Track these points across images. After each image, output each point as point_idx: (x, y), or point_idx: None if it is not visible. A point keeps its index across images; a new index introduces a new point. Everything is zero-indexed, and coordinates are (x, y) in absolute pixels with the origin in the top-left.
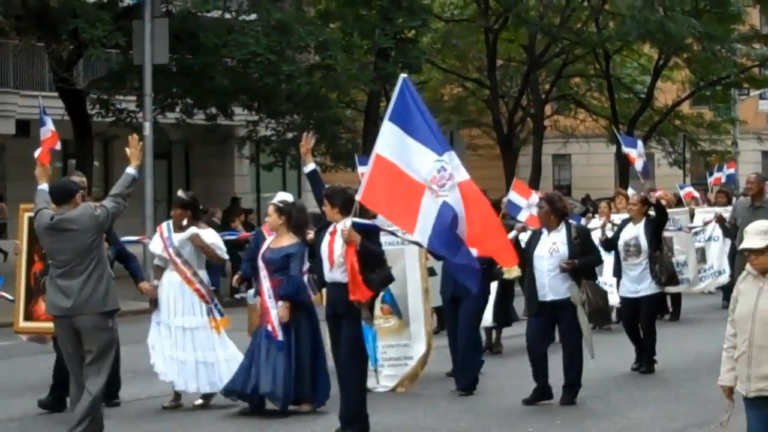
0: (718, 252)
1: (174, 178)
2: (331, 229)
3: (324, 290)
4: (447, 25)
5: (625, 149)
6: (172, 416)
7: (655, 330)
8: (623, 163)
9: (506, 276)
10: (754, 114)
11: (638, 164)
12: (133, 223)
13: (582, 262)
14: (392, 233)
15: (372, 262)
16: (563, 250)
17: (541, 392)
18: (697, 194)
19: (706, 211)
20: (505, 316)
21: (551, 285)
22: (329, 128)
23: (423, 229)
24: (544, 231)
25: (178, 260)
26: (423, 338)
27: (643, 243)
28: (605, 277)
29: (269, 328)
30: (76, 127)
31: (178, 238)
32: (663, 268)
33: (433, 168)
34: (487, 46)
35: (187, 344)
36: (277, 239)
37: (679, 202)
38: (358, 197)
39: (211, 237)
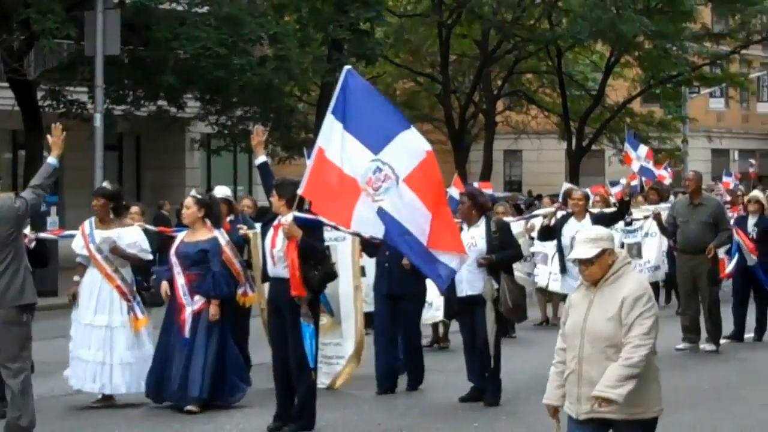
0: (654, 247)
1: (124, 170)
2: (275, 222)
3: (257, 289)
4: (400, 19)
5: (626, 148)
6: (97, 414)
7: None
8: (574, 159)
9: None
10: (704, 112)
11: (635, 166)
12: (83, 214)
13: (499, 257)
14: (335, 228)
15: (313, 258)
16: (481, 244)
17: (479, 391)
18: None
19: (644, 209)
20: (452, 309)
21: (468, 279)
22: (284, 118)
23: (363, 222)
24: (464, 226)
25: (98, 256)
26: (354, 336)
27: None
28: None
29: (180, 325)
30: (26, 118)
31: (99, 235)
32: None
33: (369, 169)
34: (440, 41)
35: (105, 343)
36: (192, 233)
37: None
38: (300, 190)
39: (132, 235)
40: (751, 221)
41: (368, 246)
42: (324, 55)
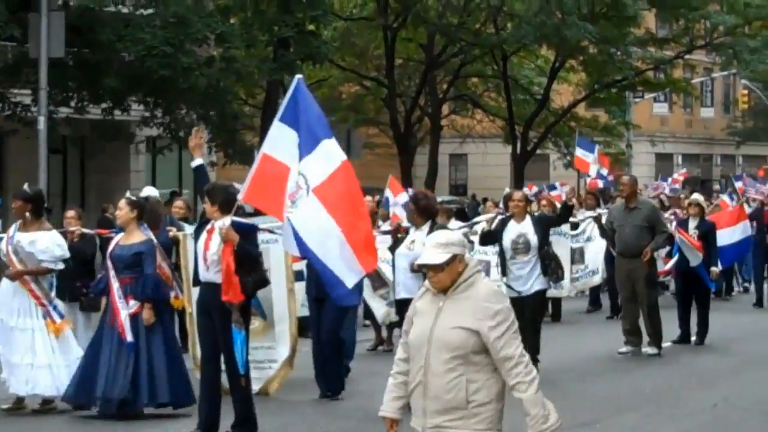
0: (594, 252)
1: (69, 174)
2: (209, 227)
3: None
4: (346, 23)
5: (579, 153)
6: (12, 420)
7: (540, 328)
8: (519, 163)
9: None
10: (648, 117)
11: (592, 171)
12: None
13: None
14: (271, 231)
15: (248, 264)
16: (418, 249)
17: None
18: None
19: (586, 215)
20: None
21: (404, 283)
22: (228, 123)
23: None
24: (412, 229)
25: (13, 258)
26: (287, 340)
27: (533, 240)
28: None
29: (119, 330)
30: None
31: (18, 237)
32: (557, 265)
33: (292, 181)
34: (386, 45)
35: (30, 346)
36: (127, 236)
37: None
38: (240, 196)
39: (46, 241)
40: (692, 224)
41: None
42: (270, 56)
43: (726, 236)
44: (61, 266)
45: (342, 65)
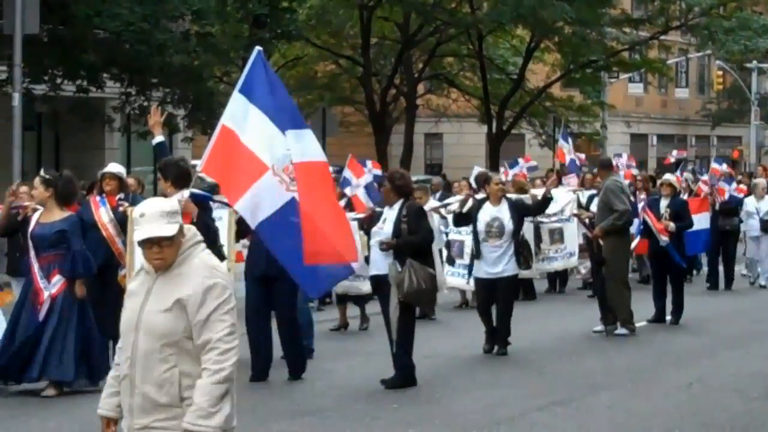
0: (572, 234)
1: (43, 151)
2: None
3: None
4: (321, 1)
5: (561, 145)
6: None
7: (512, 311)
8: (494, 142)
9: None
10: (623, 97)
11: (568, 160)
12: (1, 195)
13: (401, 241)
14: (226, 204)
15: (207, 238)
16: (388, 228)
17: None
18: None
19: (567, 190)
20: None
21: (375, 260)
22: (204, 101)
23: (248, 207)
24: (386, 208)
25: None
26: None
27: (508, 225)
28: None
29: (39, 308)
30: None
31: None
32: (529, 254)
33: (286, 156)
34: (362, 23)
35: None
36: (46, 214)
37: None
38: (200, 167)
39: None
40: (664, 203)
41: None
42: (245, 34)
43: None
44: None
45: (317, 43)
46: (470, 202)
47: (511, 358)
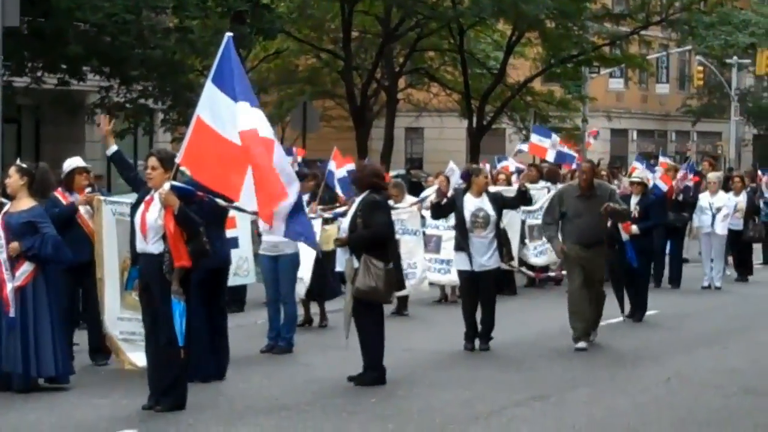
0: None
1: (23, 144)
2: (147, 198)
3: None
4: None
5: (534, 139)
6: None
7: (495, 305)
8: (474, 137)
9: (324, 249)
10: (604, 92)
11: (550, 155)
12: None
13: (353, 236)
14: (210, 198)
15: (187, 231)
16: (346, 222)
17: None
18: (513, 168)
19: (538, 187)
20: (322, 289)
21: (338, 256)
22: (183, 95)
23: (250, 197)
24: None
25: None
26: None
27: (492, 215)
28: None
29: (4, 302)
30: None
31: None
32: (509, 248)
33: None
34: (343, 17)
35: None
36: (16, 203)
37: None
38: (178, 159)
39: None
40: (634, 200)
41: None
42: (226, 28)
43: None
44: None
45: (298, 37)
46: (451, 193)
47: (490, 353)
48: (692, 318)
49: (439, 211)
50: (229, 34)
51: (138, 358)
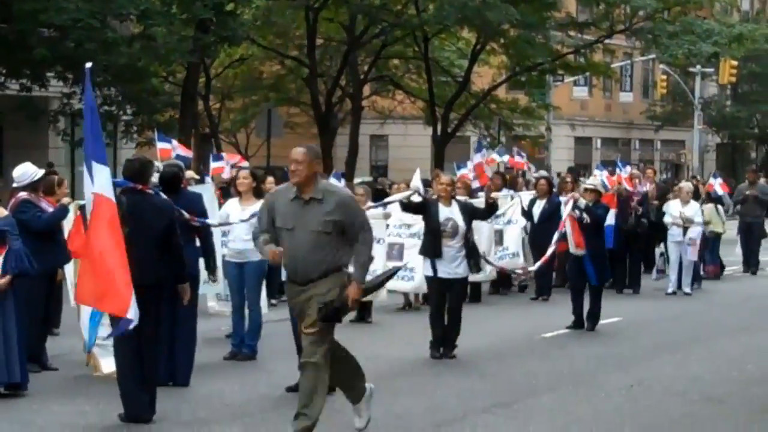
0: (515, 235)
1: None
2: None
3: None
4: (267, 2)
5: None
6: None
7: (461, 316)
8: (439, 144)
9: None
10: (568, 100)
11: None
12: None
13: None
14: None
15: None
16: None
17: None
18: (471, 175)
19: (501, 195)
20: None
21: None
22: (147, 101)
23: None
24: None
25: None
26: None
27: (461, 225)
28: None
29: None
30: None
31: None
32: (478, 257)
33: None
34: (307, 24)
35: None
36: None
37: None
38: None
39: None
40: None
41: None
42: (190, 36)
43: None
44: None
45: (263, 44)
46: (415, 198)
47: (453, 360)
48: (655, 325)
49: (409, 207)
50: (88, 65)
51: (108, 364)
